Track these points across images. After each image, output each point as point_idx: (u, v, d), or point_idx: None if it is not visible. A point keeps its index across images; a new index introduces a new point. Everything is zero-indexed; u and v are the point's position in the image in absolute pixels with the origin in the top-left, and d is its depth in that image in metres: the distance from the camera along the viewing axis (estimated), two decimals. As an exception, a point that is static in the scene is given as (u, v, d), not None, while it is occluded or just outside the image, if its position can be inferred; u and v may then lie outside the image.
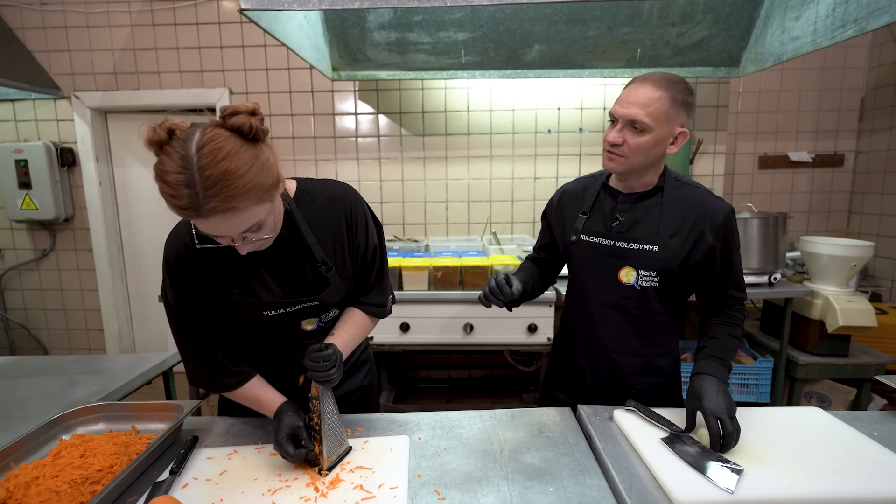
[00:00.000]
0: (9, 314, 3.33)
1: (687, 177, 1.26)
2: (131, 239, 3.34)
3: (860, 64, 3.16)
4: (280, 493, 0.90)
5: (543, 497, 0.89)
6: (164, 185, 0.77)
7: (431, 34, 2.53)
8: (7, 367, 1.60)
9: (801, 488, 0.86)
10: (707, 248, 1.14)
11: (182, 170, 0.75)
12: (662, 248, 1.15)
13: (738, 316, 1.20)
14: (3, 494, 0.82)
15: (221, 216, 0.79)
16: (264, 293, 1.02)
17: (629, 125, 1.10)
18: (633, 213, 1.20)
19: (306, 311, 1.06)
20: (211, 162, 0.76)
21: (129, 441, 1.02)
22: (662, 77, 1.10)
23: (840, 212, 3.31)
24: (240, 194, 0.78)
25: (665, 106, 1.08)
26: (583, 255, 1.26)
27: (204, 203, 0.76)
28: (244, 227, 0.83)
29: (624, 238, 1.19)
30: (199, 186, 0.75)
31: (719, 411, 0.99)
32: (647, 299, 1.20)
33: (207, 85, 3.00)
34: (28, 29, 3.01)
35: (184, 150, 0.76)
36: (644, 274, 1.18)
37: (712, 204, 1.16)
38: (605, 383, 1.28)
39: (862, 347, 2.51)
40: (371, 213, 1.14)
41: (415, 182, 3.12)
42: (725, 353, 1.13)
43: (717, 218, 1.14)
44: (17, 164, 3.02)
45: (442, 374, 3.35)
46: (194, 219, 0.81)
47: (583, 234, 1.25)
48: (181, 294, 1.00)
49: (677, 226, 1.16)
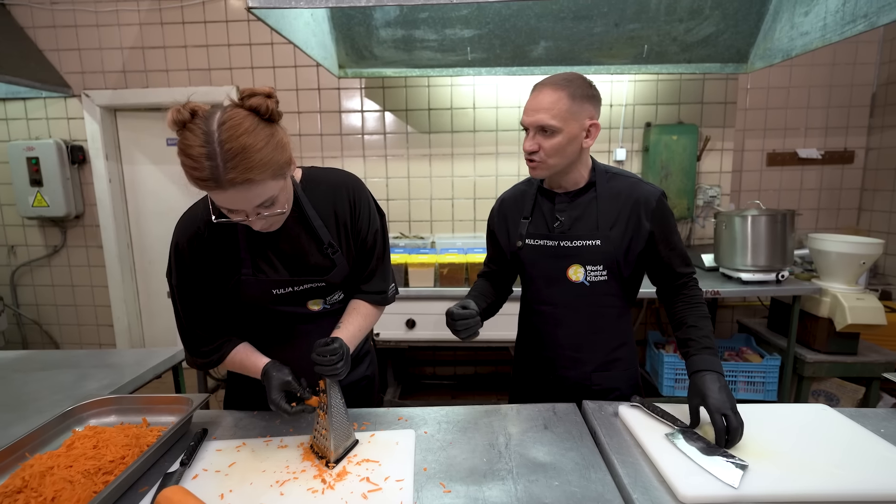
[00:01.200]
0: (21, 310, 3.38)
1: (616, 168, 1.29)
2: (140, 236, 3.38)
3: (871, 59, 3.12)
4: (288, 485, 0.92)
5: (548, 491, 0.89)
6: (187, 159, 0.83)
7: (437, 31, 2.54)
8: (20, 361, 1.63)
9: (805, 484, 0.86)
10: (646, 234, 1.19)
11: (204, 143, 0.81)
12: (604, 241, 1.19)
13: (697, 293, 1.22)
14: (20, 483, 0.84)
15: (239, 188, 0.84)
16: (272, 273, 1.06)
17: (539, 131, 1.14)
18: (572, 212, 1.23)
19: (313, 292, 1.10)
20: (231, 136, 0.82)
21: (141, 433, 1.04)
22: (560, 78, 1.14)
23: (850, 209, 3.28)
24: (256, 167, 0.84)
25: (566, 104, 1.11)
26: (530, 259, 1.28)
27: (224, 174, 0.82)
28: (259, 201, 0.88)
29: (566, 237, 1.22)
30: (220, 159, 0.81)
31: (724, 407, 0.99)
32: (597, 294, 1.23)
33: (215, 83, 3.03)
34: (39, 28, 3.05)
35: (206, 127, 0.82)
36: (591, 269, 1.21)
37: (643, 190, 1.20)
38: (566, 383, 1.30)
39: (871, 345, 2.49)
40: (374, 200, 1.17)
41: (421, 179, 3.13)
42: (710, 341, 1.15)
43: (649, 203, 1.19)
44: (28, 162, 3.07)
45: (448, 370, 3.36)
46: (213, 191, 0.85)
47: (528, 239, 1.27)
48: (185, 275, 1.04)
49: (614, 217, 1.20)
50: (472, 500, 0.88)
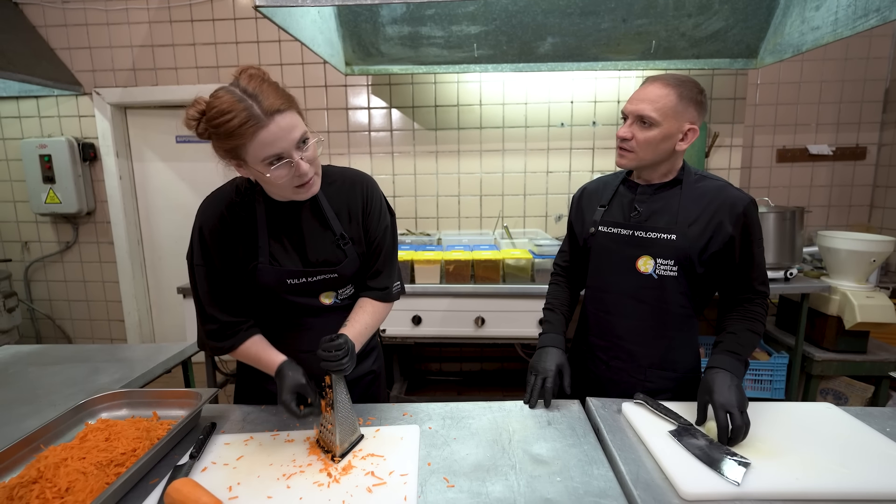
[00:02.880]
0: (35, 305, 3.44)
1: (708, 172, 1.26)
2: (150, 232, 3.42)
3: (885, 53, 3.07)
4: (294, 478, 0.93)
5: (550, 486, 0.90)
6: (223, 116, 0.89)
7: (444, 28, 2.53)
8: (34, 355, 1.67)
9: (809, 483, 0.86)
10: (726, 238, 1.15)
11: (233, 95, 0.90)
12: (681, 237, 1.17)
13: (759, 311, 1.19)
14: (35, 474, 0.87)
15: (275, 118, 0.91)
16: (287, 262, 1.10)
17: (638, 120, 1.14)
18: (652, 204, 1.22)
19: (325, 284, 1.13)
20: (252, 80, 0.93)
21: (151, 426, 1.06)
22: (673, 77, 1.15)
23: (861, 206, 3.24)
24: (280, 97, 0.93)
25: (672, 102, 1.11)
26: (601, 246, 1.28)
27: (258, 106, 0.89)
28: (297, 132, 0.94)
29: (642, 227, 1.21)
30: (250, 99, 0.90)
31: (729, 405, 0.99)
32: (665, 289, 1.20)
33: (223, 80, 3.03)
34: (50, 27, 3.09)
35: (226, 89, 0.92)
36: (662, 262, 1.19)
37: (732, 194, 1.17)
38: (620, 375, 1.28)
39: (881, 344, 2.46)
40: (385, 199, 1.22)
41: (427, 176, 3.13)
42: (742, 349, 1.12)
43: (736, 208, 1.15)
44: (41, 159, 3.11)
45: (454, 366, 3.38)
46: (255, 132, 0.90)
47: (601, 226, 1.27)
48: (206, 256, 1.08)
49: (696, 214, 1.17)
50: (475, 495, 0.89)
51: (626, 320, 1.25)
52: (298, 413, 1.00)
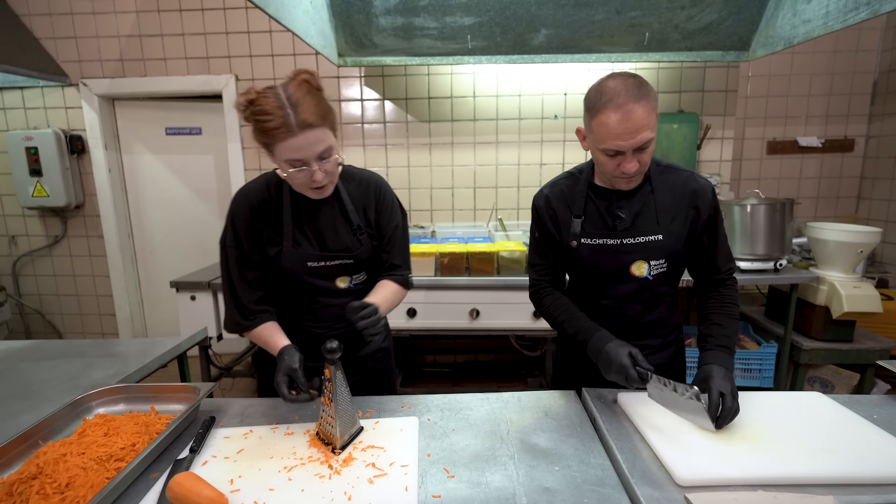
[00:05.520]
0: (23, 300, 3.40)
1: (664, 160, 1.26)
2: (141, 225, 3.39)
3: (873, 46, 3.10)
4: (295, 471, 0.94)
5: (549, 476, 0.92)
6: (263, 115, 1.02)
7: (437, 19, 2.52)
8: (26, 350, 1.65)
9: (798, 468, 0.88)
10: (700, 225, 1.21)
11: (276, 100, 1.02)
12: (666, 235, 1.19)
13: (733, 294, 1.25)
14: (35, 470, 0.87)
15: (305, 132, 1.02)
16: (308, 248, 1.22)
17: (637, 149, 1.07)
18: (632, 208, 1.21)
19: (342, 269, 1.25)
20: (300, 88, 1.05)
21: (150, 421, 1.06)
22: (633, 87, 1.04)
23: (849, 197, 3.29)
24: (316, 114, 1.04)
25: (653, 110, 1.06)
26: (586, 259, 1.24)
27: (293, 119, 1.01)
28: (321, 147, 1.06)
29: (630, 234, 1.20)
30: (290, 108, 1.01)
31: (724, 388, 1.03)
32: (657, 284, 1.24)
33: (213, 71, 3.01)
34: (34, 16, 3.02)
35: (275, 92, 1.04)
36: (654, 263, 1.21)
37: (699, 183, 1.22)
38: None
39: (866, 333, 2.52)
40: (397, 199, 1.34)
41: (421, 168, 3.12)
42: (730, 341, 1.17)
43: (706, 195, 1.20)
44: (27, 152, 3.06)
45: (448, 358, 3.40)
46: (285, 138, 1.02)
47: (583, 239, 1.22)
48: (238, 242, 1.20)
49: (674, 210, 1.20)
50: (475, 484, 0.90)
51: (627, 321, 1.27)
52: (287, 396, 1.05)
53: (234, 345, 3.12)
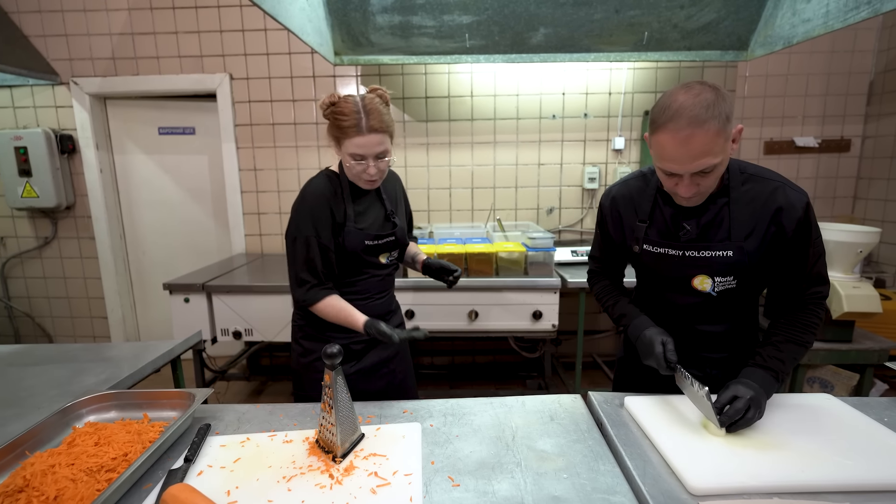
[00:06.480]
0: (13, 302, 3.33)
1: (754, 166, 1.13)
2: (133, 226, 3.33)
3: (869, 47, 3.11)
4: (295, 480, 0.91)
5: (557, 483, 0.89)
6: (342, 116, 1.27)
7: (435, 17, 2.49)
8: (15, 355, 1.60)
9: (813, 475, 0.86)
10: (783, 243, 1.07)
11: (355, 105, 1.28)
12: (737, 252, 1.08)
13: (809, 319, 1.11)
14: (21, 482, 0.83)
15: (371, 135, 1.27)
16: (365, 227, 1.44)
17: (698, 173, 0.99)
18: (701, 218, 1.10)
19: (387, 245, 1.48)
20: (370, 102, 1.30)
21: (143, 429, 1.02)
22: (702, 105, 0.92)
23: (845, 197, 3.30)
24: (382, 122, 1.29)
25: (721, 132, 0.94)
26: (649, 265, 1.19)
27: (365, 122, 1.26)
28: (380, 149, 1.30)
29: (694, 246, 1.10)
30: (363, 113, 1.27)
31: (740, 393, 1.00)
32: (726, 300, 1.15)
33: (207, 70, 2.96)
34: (24, 13, 2.96)
35: (353, 98, 1.30)
36: (720, 280, 1.11)
37: (788, 197, 1.05)
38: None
39: (866, 333, 2.51)
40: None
41: (418, 168, 3.09)
42: (780, 364, 1.07)
43: (795, 211, 1.04)
44: (16, 152, 3.00)
45: (445, 360, 3.37)
46: (354, 136, 1.27)
47: (645, 245, 1.17)
48: (315, 231, 1.36)
49: (751, 224, 1.07)
50: (482, 493, 0.87)
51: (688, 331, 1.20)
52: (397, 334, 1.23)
53: (229, 348, 3.07)
